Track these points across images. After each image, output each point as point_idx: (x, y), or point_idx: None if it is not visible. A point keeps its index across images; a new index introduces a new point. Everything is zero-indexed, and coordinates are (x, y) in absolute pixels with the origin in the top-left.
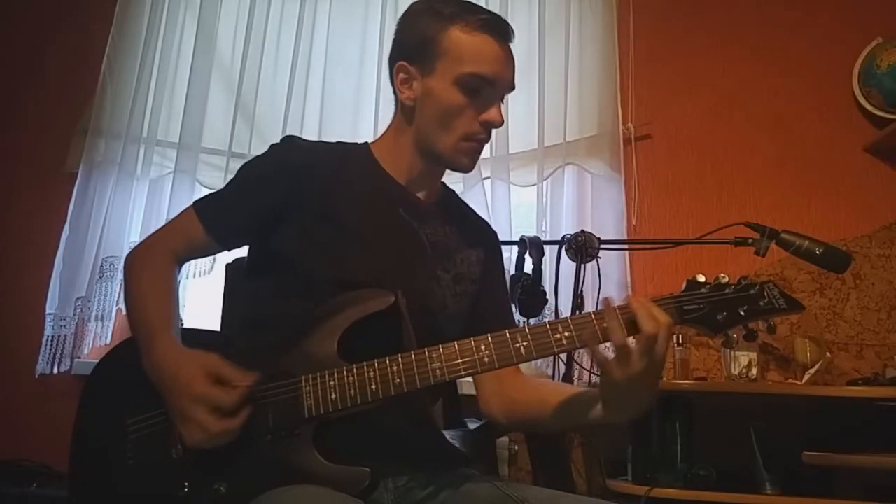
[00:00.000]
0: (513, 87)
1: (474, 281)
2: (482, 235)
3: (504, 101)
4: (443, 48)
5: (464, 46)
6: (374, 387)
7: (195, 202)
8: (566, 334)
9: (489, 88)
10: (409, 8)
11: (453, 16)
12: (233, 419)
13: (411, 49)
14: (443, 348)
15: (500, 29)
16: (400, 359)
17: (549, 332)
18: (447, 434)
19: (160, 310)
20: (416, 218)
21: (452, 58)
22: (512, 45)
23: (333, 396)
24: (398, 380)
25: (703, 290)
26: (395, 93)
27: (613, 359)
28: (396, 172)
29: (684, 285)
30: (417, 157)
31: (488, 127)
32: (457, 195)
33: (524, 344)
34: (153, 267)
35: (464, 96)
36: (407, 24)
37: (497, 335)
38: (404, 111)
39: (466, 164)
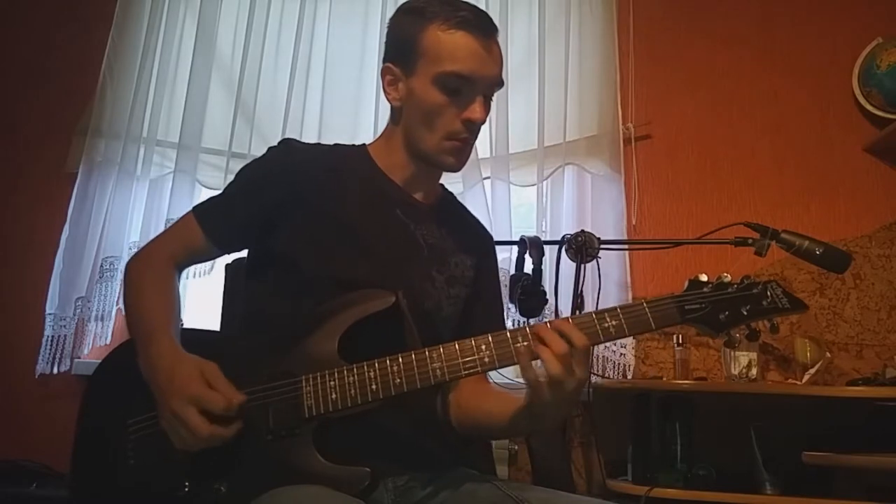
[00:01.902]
0: (499, 83)
1: (467, 285)
2: (478, 240)
3: (494, 97)
4: (422, 48)
5: (441, 45)
6: (374, 386)
7: (194, 207)
8: None
9: (469, 86)
10: (398, 7)
11: (433, 14)
12: (223, 427)
13: (396, 50)
14: (443, 348)
15: (479, 24)
16: (400, 359)
17: None
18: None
19: (159, 310)
20: (413, 219)
21: (431, 57)
22: (509, 45)
23: (334, 396)
24: (398, 380)
25: (705, 290)
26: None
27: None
28: (393, 173)
29: (686, 285)
30: (408, 158)
31: (470, 125)
32: (456, 198)
33: (524, 344)
34: (153, 271)
35: (443, 95)
36: (392, 24)
37: (498, 335)
38: (393, 113)
39: (452, 163)
